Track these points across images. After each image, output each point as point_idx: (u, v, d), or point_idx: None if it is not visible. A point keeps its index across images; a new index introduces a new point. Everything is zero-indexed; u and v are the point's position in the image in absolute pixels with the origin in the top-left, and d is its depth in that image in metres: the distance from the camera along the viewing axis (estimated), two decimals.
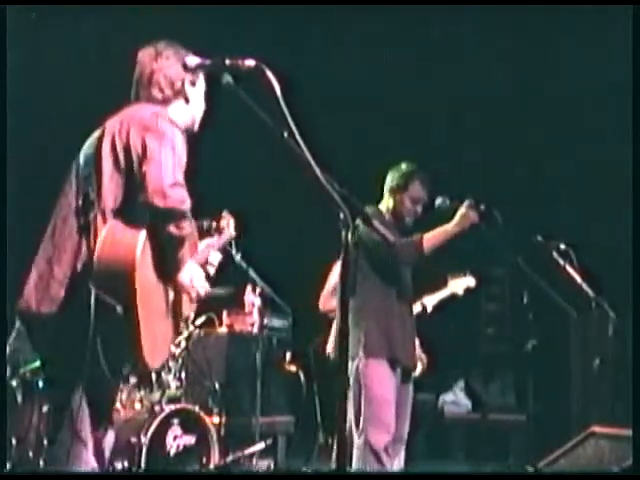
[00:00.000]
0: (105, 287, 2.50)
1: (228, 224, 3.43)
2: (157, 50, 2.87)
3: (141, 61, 2.87)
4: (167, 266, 2.65)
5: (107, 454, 2.74)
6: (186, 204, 2.59)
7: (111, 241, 2.53)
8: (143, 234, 2.54)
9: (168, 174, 2.53)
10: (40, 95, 6.14)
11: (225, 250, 3.35)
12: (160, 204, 2.51)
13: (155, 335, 2.64)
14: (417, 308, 4.49)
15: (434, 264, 4.76)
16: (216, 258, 3.18)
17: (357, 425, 3.82)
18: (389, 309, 4.03)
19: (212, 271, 3.13)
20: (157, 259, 2.61)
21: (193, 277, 2.76)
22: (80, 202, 2.66)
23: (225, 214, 3.44)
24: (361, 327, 3.88)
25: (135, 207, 2.59)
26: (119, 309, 2.48)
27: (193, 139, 2.93)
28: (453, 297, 4.64)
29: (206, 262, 3.08)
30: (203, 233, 3.16)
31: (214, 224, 3.33)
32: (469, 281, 4.65)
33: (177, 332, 2.91)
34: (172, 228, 2.55)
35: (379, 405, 3.91)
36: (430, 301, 4.55)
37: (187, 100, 2.88)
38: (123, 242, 2.53)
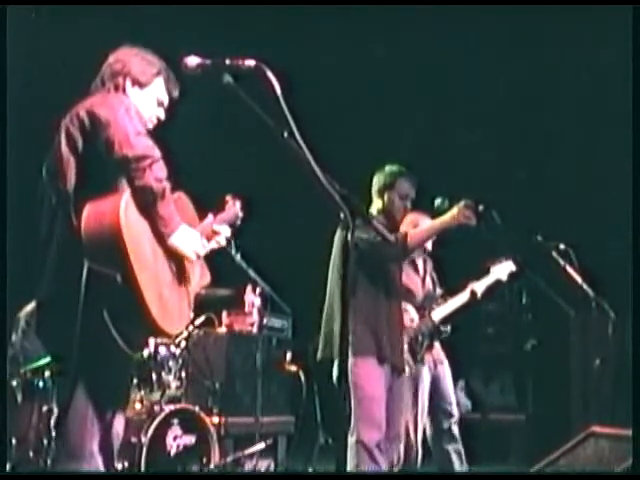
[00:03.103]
0: (97, 258, 2.49)
1: (234, 204, 3.40)
2: (121, 48, 2.93)
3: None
4: (157, 228, 2.62)
5: (115, 447, 2.72)
6: (155, 151, 2.60)
7: (95, 213, 2.53)
8: (125, 196, 2.53)
9: (129, 127, 2.56)
10: (40, 95, 6.15)
11: (233, 226, 3.24)
12: (129, 153, 2.52)
13: (165, 300, 2.62)
14: (465, 295, 4.54)
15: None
16: (224, 229, 3.15)
17: (348, 424, 3.83)
18: (376, 308, 4.04)
19: (223, 241, 3.11)
20: (145, 221, 2.59)
21: (186, 239, 2.70)
22: (54, 200, 2.67)
23: (229, 198, 3.41)
24: (350, 325, 3.89)
25: (111, 178, 2.59)
26: (118, 278, 2.46)
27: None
28: (498, 283, 4.68)
29: (213, 233, 3.05)
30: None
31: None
32: (511, 266, 4.68)
33: (189, 298, 2.85)
34: (151, 180, 2.54)
35: (369, 403, 3.93)
36: (477, 289, 4.60)
37: (126, 97, 2.84)
38: (106, 209, 2.52)
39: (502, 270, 4.68)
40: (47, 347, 2.96)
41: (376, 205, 4.26)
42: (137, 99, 2.86)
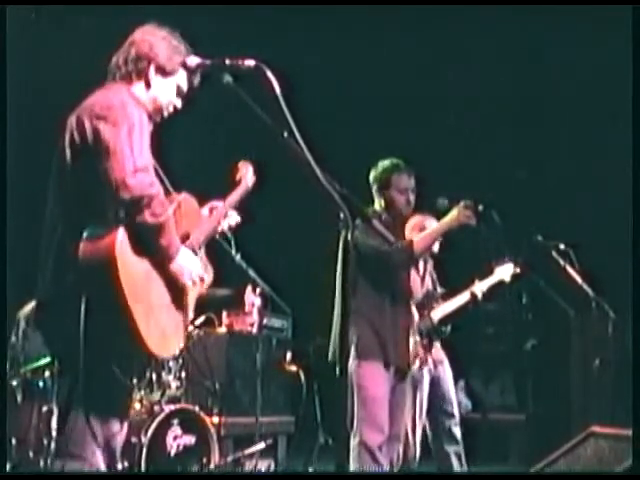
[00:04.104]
0: (93, 291, 2.48)
1: (247, 172, 3.34)
2: (148, 26, 2.85)
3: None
4: (156, 257, 2.59)
5: (118, 447, 2.72)
6: (154, 187, 2.52)
7: (91, 247, 2.50)
8: (121, 231, 2.49)
9: (127, 163, 2.46)
10: (40, 95, 6.14)
11: (242, 207, 3.23)
12: (126, 196, 2.45)
13: (162, 326, 2.62)
14: (466, 296, 4.53)
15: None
16: (233, 219, 3.16)
17: (351, 425, 3.83)
18: (382, 311, 4.02)
19: (233, 221, 3.15)
20: (142, 252, 2.55)
21: (187, 265, 2.67)
22: (57, 211, 2.66)
23: (242, 164, 3.36)
24: (354, 328, 3.90)
25: (107, 205, 2.54)
26: (113, 311, 2.45)
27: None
28: (501, 284, 4.67)
29: (215, 231, 3.05)
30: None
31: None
32: (515, 267, 4.66)
33: (187, 314, 2.84)
34: (148, 217, 2.48)
35: (372, 405, 3.93)
36: (479, 288, 4.59)
37: (148, 85, 2.78)
38: (102, 243, 2.49)
39: (506, 271, 4.67)
40: (47, 346, 2.94)
41: (378, 204, 4.23)
42: (158, 87, 2.78)
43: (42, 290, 2.66)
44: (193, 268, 2.70)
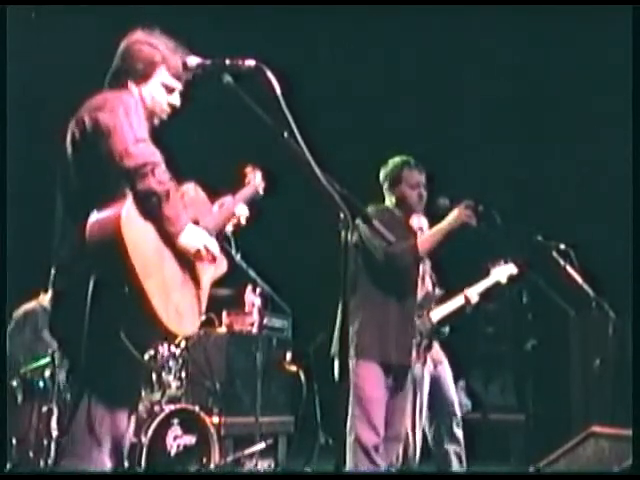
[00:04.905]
0: (103, 270, 2.46)
1: (255, 176, 3.35)
2: (127, 37, 2.86)
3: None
4: (164, 231, 2.57)
5: (125, 447, 2.71)
6: (156, 156, 2.55)
7: (97, 226, 2.49)
8: (125, 207, 2.48)
9: (127, 135, 2.50)
10: (40, 95, 6.15)
11: (252, 203, 3.24)
12: (130, 163, 2.47)
13: (175, 303, 2.59)
14: (461, 299, 4.52)
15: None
16: (243, 210, 3.17)
17: (346, 423, 3.83)
18: (384, 310, 4.01)
19: (243, 221, 3.17)
20: (149, 227, 2.54)
21: (194, 237, 2.64)
22: (65, 202, 2.67)
23: (250, 168, 3.38)
24: (354, 327, 3.90)
25: (112, 188, 2.54)
26: (125, 289, 2.43)
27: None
28: (497, 285, 4.66)
29: (227, 220, 3.08)
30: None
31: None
32: (511, 268, 4.66)
33: (201, 297, 2.81)
34: (154, 184, 2.49)
35: (369, 405, 3.92)
36: (474, 291, 4.57)
37: (132, 94, 2.77)
38: (107, 221, 2.48)
39: (502, 272, 4.66)
40: (61, 341, 2.91)
41: (389, 201, 4.22)
42: (142, 94, 2.79)
43: (57, 285, 2.66)
44: (201, 241, 2.67)
